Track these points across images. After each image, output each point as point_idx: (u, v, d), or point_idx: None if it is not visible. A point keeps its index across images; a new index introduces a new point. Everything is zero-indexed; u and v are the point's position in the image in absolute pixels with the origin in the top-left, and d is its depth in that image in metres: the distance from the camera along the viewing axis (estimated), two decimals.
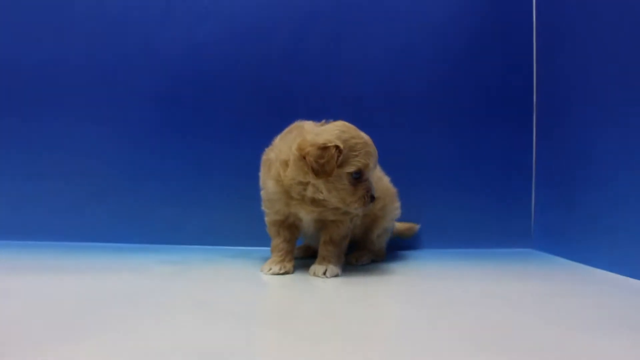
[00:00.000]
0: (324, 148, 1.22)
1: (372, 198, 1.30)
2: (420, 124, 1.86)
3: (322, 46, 1.85)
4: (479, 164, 1.88)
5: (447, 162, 1.88)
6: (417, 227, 1.84)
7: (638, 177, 1.31)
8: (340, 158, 1.23)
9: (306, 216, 1.36)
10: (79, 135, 1.83)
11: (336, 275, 1.32)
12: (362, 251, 1.60)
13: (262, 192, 1.41)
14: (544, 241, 1.82)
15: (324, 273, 1.31)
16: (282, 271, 1.34)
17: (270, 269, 1.35)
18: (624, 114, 1.38)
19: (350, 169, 1.25)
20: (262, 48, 1.84)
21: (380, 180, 1.58)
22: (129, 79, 1.84)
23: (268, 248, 1.46)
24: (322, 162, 1.21)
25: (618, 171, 1.40)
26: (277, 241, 1.42)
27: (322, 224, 1.39)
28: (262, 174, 1.40)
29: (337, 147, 1.23)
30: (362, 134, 1.30)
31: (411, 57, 1.86)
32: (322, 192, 1.28)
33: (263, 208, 1.43)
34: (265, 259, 1.43)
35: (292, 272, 1.37)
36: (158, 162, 1.83)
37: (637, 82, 1.33)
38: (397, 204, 1.65)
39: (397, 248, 1.82)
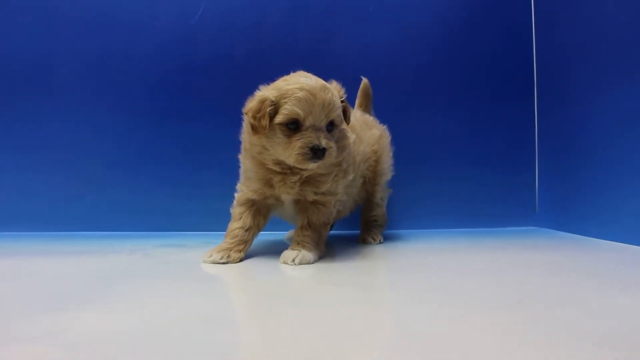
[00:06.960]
0: (258, 102, 1.12)
1: (318, 151, 1.09)
2: (420, 100, 1.84)
3: (317, 25, 1.82)
4: (480, 140, 1.85)
5: (448, 138, 1.85)
6: None
7: (638, 149, 1.30)
8: (271, 109, 1.11)
9: (287, 196, 1.22)
10: (74, 126, 1.79)
11: (308, 263, 1.14)
12: (373, 228, 1.53)
13: (240, 170, 1.30)
14: (549, 218, 1.80)
15: (293, 260, 1.13)
16: (223, 260, 1.16)
17: (211, 256, 1.17)
18: (624, 85, 1.36)
19: (279, 118, 1.10)
20: (256, 31, 1.81)
21: (370, 128, 1.52)
22: (121, 68, 1.80)
23: (269, 232, 1.39)
24: (258, 117, 1.11)
25: (619, 143, 1.38)
26: (234, 225, 1.24)
27: (302, 207, 1.25)
28: (241, 152, 1.29)
29: (267, 98, 1.11)
30: (306, 80, 1.12)
31: (410, 33, 1.83)
32: (271, 152, 1.16)
33: (238, 187, 1.30)
34: (266, 242, 1.38)
35: (237, 262, 1.18)
36: (155, 149, 1.80)
37: (636, 53, 1.31)
38: (391, 154, 1.60)
39: (399, 228, 1.79)
